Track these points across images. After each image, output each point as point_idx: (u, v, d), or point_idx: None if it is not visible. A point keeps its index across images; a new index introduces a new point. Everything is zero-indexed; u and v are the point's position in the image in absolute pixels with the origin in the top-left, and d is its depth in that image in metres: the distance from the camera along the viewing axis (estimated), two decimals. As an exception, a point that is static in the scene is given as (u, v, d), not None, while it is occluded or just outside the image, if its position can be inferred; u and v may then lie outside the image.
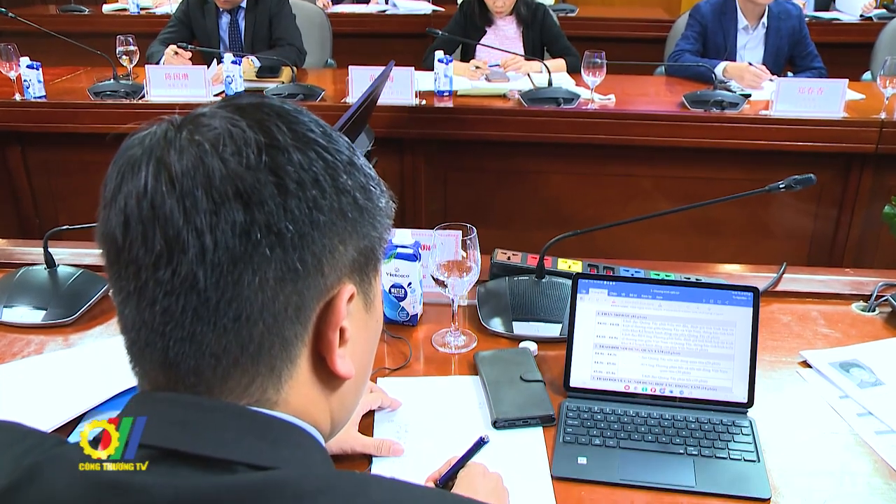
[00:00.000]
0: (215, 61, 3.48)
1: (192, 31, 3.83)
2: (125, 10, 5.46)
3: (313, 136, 0.60)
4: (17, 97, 3.18)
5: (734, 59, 3.58)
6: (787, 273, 1.76)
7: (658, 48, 4.22)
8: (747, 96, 3.15)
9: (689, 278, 1.62)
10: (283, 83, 3.33)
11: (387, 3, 5.61)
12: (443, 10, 5.18)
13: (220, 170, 0.55)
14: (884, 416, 1.30)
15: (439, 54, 3.19)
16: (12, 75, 3.17)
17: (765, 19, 3.59)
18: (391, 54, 2.79)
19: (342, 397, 0.66)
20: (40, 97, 3.18)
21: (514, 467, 1.17)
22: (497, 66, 3.55)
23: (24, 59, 3.15)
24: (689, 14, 3.75)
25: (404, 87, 3.08)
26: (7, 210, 3.40)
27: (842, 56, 4.16)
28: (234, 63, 3.17)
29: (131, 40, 3.44)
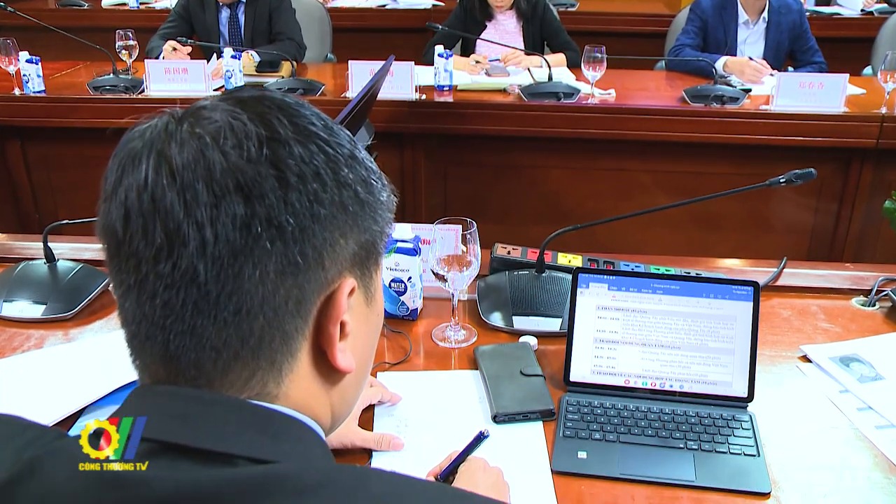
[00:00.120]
0: (215, 56, 3.48)
1: (192, 26, 3.82)
2: (124, 4, 5.45)
3: (314, 129, 0.59)
4: (17, 92, 3.18)
5: (734, 54, 3.57)
6: (788, 268, 1.76)
7: (658, 43, 4.21)
8: (748, 91, 3.15)
9: (689, 273, 1.61)
10: (283, 78, 3.33)
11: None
12: (443, 4, 5.17)
13: (221, 163, 0.55)
14: (884, 410, 1.30)
15: (439, 49, 3.18)
16: (11, 70, 3.17)
17: (765, 14, 3.59)
18: (391, 49, 2.78)
19: (343, 391, 0.66)
20: (39, 92, 3.18)
21: (514, 462, 1.17)
22: (497, 60, 3.55)
23: (24, 54, 3.14)
24: (689, 9, 3.74)
25: (404, 81, 3.08)
26: (6, 205, 3.40)
27: (842, 51, 4.16)
28: (233, 58, 3.17)
29: (131, 35, 3.43)
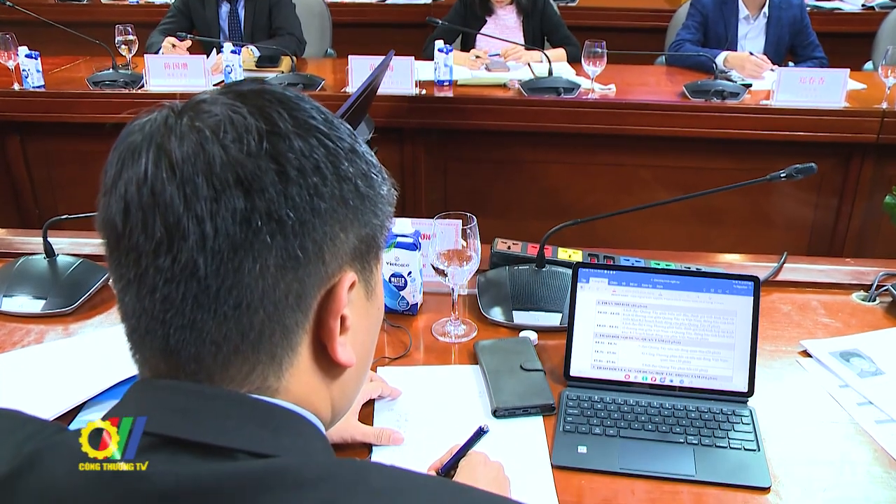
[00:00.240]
0: (214, 51, 3.47)
1: (192, 21, 3.81)
2: (124, -1, 5.44)
3: (315, 122, 0.59)
4: (16, 87, 3.17)
5: (735, 49, 3.57)
6: (788, 263, 1.76)
7: (659, 38, 4.21)
8: (748, 86, 3.15)
9: (689, 268, 1.61)
10: (283, 73, 3.32)
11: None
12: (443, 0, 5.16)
13: (221, 156, 0.54)
14: (884, 405, 1.30)
15: (439, 44, 3.18)
16: (11, 65, 3.16)
17: (766, 9, 3.58)
18: (391, 44, 2.77)
19: (343, 385, 0.66)
20: (39, 87, 3.17)
21: (514, 456, 1.17)
22: (497, 55, 3.54)
23: (23, 49, 3.14)
24: (689, 4, 3.73)
25: (404, 76, 3.07)
26: (6, 200, 3.40)
27: (843, 46, 4.14)
28: (233, 52, 3.17)
29: (130, 30, 3.42)
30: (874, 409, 1.30)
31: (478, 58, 3.49)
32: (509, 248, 1.68)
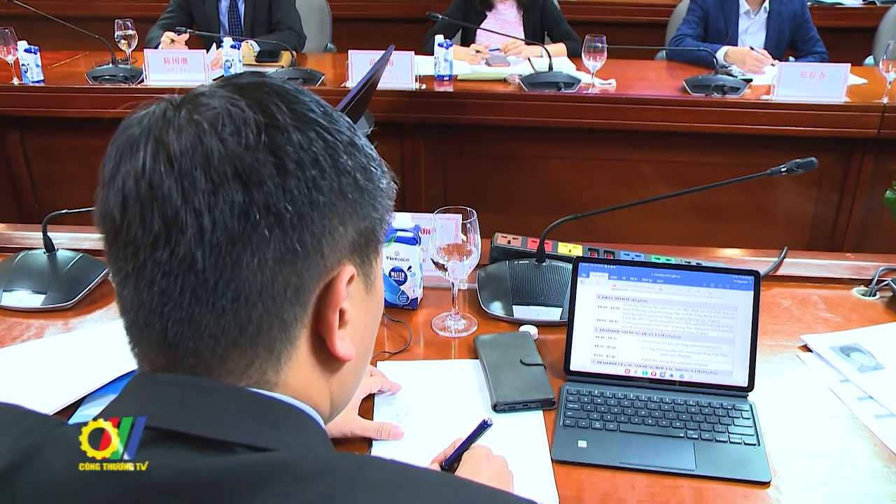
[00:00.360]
0: (214, 45, 3.47)
1: (192, 16, 3.80)
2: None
3: (313, 116, 0.59)
4: (15, 81, 3.17)
5: (735, 44, 3.56)
6: (788, 257, 1.76)
7: (659, 33, 4.20)
8: (749, 81, 3.14)
9: (689, 262, 1.61)
10: (283, 67, 3.32)
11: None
12: (443, -6, 5.15)
13: (219, 150, 0.54)
14: (884, 399, 1.30)
15: (439, 38, 3.17)
16: (10, 59, 3.16)
17: (766, 4, 3.57)
18: (391, 39, 2.77)
19: (342, 379, 0.66)
20: (38, 81, 3.17)
21: (514, 451, 1.17)
22: (497, 50, 3.54)
23: (22, 43, 3.13)
24: (690, -2, 3.73)
25: (404, 71, 3.07)
26: (6, 195, 3.39)
27: (844, 41, 4.14)
28: (233, 47, 3.16)
29: (130, 24, 3.42)
30: (874, 403, 1.30)
31: (478, 52, 3.48)
32: (509, 242, 1.68)
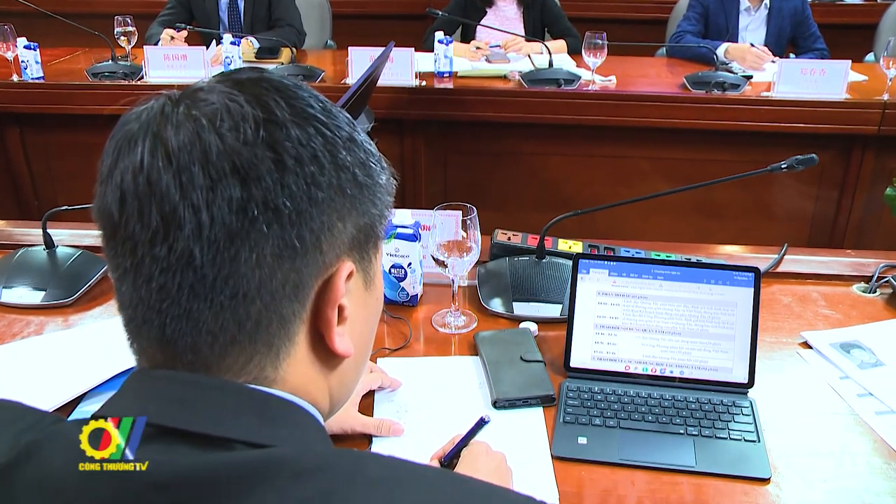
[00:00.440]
0: (214, 42, 3.46)
1: (191, 12, 3.80)
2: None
3: (312, 111, 0.59)
4: (15, 78, 3.17)
5: (736, 41, 3.56)
6: (789, 254, 1.75)
7: (659, 29, 4.19)
8: (749, 78, 3.14)
9: (690, 259, 1.61)
10: (283, 64, 3.32)
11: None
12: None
13: (217, 145, 0.54)
14: (884, 396, 1.30)
15: (439, 35, 3.17)
16: (9, 56, 3.15)
17: (767, 0, 3.57)
18: (391, 35, 2.76)
19: (341, 376, 0.66)
20: (38, 78, 3.17)
21: (514, 447, 1.17)
22: (497, 46, 3.53)
23: (22, 40, 3.13)
24: (690, -5, 3.72)
25: (404, 68, 3.06)
26: (6, 192, 3.39)
27: (844, 37, 4.13)
28: (233, 44, 3.16)
29: (129, 21, 3.42)
30: (874, 400, 1.30)
31: (478, 49, 3.48)
32: (509, 239, 1.68)
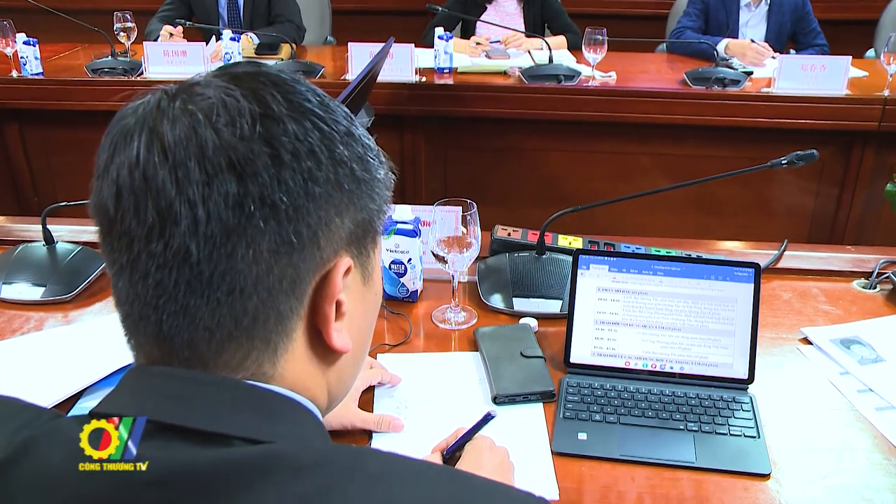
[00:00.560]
0: (214, 38, 3.46)
1: (191, 8, 3.79)
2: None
3: (310, 105, 0.58)
4: (14, 74, 3.16)
5: (736, 37, 3.55)
6: (789, 250, 1.75)
7: (659, 25, 4.19)
8: (749, 73, 3.13)
9: (690, 255, 1.61)
10: (282, 60, 3.31)
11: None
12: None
13: (214, 140, 0.54)
14: (884, 392, 1.29)
15: (439, 31, 3.16)
16: (9, 52, 3.15)
17: (767, -4, 3.56)
18: (391, 31, 2.76)
19: (339, 371, 0.66)
20: (37, 74, 3.17)
21: (514, 443, 1.17)
22: (497, 42, 3.53)
23: (21, 36, 3.12)
24: (691, -10, 3.71)
25: (404, 63, 3.06)
26: (5, 188, 3.39)
27: (845, 33, 4.12)
28: (232, 40, 3.16)
29: (129, 17, 3.41)
30: (874, 396, 1.30)
31: (478, 45, 3.47)
32: (509, 234, 1.67)
